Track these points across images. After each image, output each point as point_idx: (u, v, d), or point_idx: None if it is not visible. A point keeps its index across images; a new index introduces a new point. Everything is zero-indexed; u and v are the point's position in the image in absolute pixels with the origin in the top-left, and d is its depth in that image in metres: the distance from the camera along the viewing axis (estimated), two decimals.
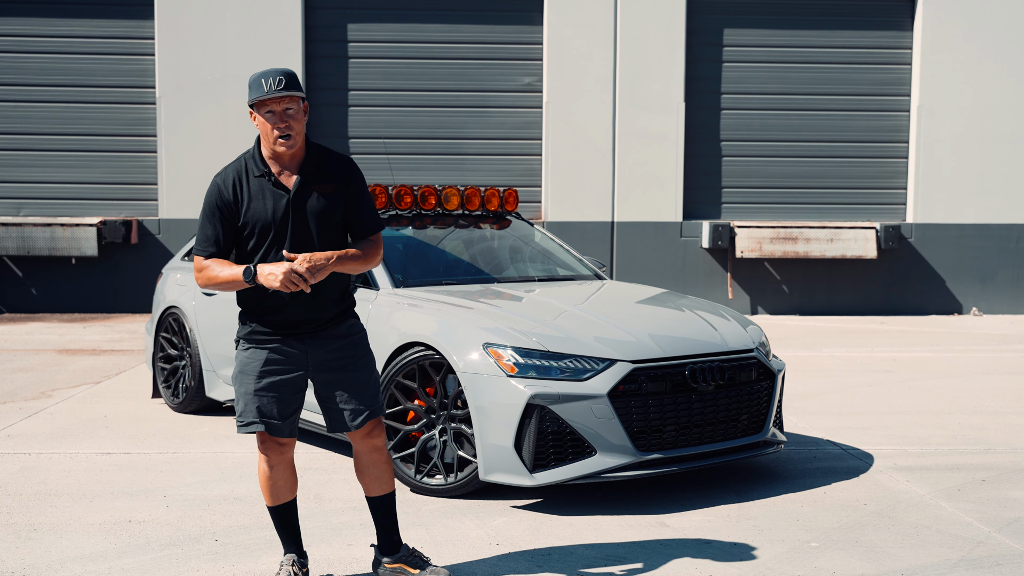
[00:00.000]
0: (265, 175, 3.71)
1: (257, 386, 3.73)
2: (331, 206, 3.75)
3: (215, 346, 6.91)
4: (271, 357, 3.75)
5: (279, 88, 3.61)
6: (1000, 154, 13.69)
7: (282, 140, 3.65)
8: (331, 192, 3.75)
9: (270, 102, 3.63)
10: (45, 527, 4.68)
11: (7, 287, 13.14)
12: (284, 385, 3.76)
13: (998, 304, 13.84)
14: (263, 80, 3.63)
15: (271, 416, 3.74)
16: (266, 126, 3.66)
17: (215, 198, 3.70)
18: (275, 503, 3.89)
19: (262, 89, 3.62)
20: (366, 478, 3.98)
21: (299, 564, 3.90)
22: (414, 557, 4.01)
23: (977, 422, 7.05)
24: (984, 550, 4.47)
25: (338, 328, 3.84)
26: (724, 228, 13.29)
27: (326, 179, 3.76)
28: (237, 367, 3.81)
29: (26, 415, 7.05)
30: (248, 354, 3.78)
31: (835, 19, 13.70)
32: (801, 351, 10.25)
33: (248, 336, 3.79)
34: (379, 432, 3.93)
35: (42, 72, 13.19)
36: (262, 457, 3.84)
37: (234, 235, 3.73)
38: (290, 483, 3.89)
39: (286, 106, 3.64)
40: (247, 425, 3.76)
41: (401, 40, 13.41)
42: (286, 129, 3.64)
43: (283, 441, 3.82)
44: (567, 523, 4.79)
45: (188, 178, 13.08)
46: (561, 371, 4.95)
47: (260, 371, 3.74)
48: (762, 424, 5.47)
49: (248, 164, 3.75)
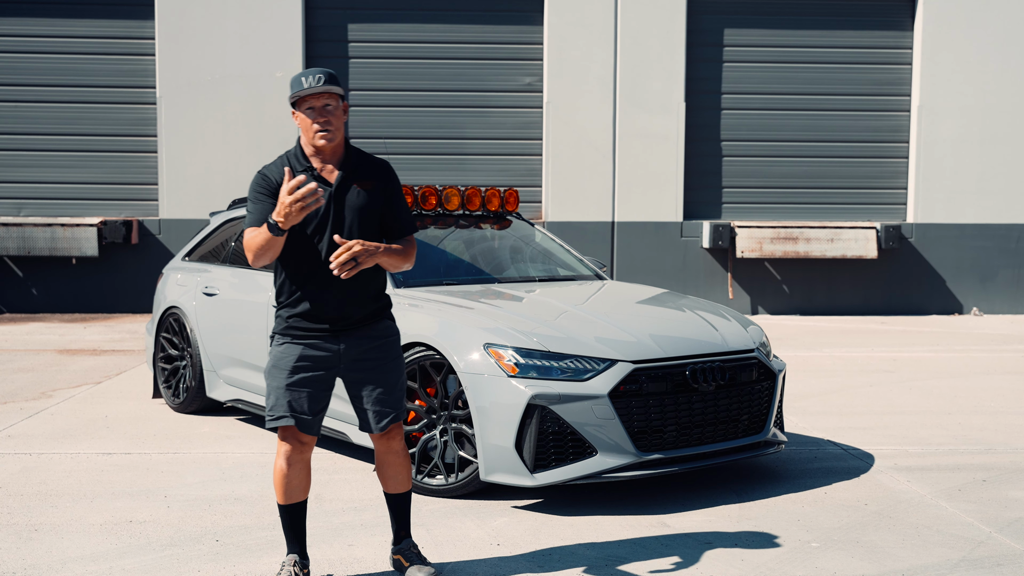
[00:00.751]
0: (308, 170, 3.83)
1: (289, 381, 3.80)
2: (371, 203, 3.87)
3: (216, 346, 6.91)
4: (305, 353, 3.82)
5: (319, 84, 3.73)
6: (1000, 154, 13.69)
7: (322, 134, 3.76)
8: (371, 189, 3.87)
9: (310, 98, 3.75)
10: (46, 527, 4.68)
11: (8, 287, 13.14)
12: (315, 382, 3.82)
13: (998, 304, 13.85)
14: (303, 78, 3.76)
15: (301, 411, 3.81)
16: (307, 121, 3.77)
17: (261, 184, 3.81)
18: (287, 502, 3.91)
19: (302, 85, 3.75)
20: (383, 475, 4.09)
21: (300, 565, 3.92)
22: (411, 552, 4.10)
23: (978, 422, 7.05)
24: (985, 550, 4.47)
25: (373, 328, 3.92)
26: (724, 228, 13.29)
27: (365, 176, 3.88)
28: (270, 362, 3.87)
29: (27, 415, 7.06)
30: (282, 349, 3.84)
31: (835, 19, 13.71)
32: (802, 351, 10.26)
33: (284, 331, 3.86)
34: (397, 435, 4.02)
35: (42, 72, 13.19)
36: (281, 454, 3.87)
37: None
38: (304, 483, 3.92)
39: (325, 102, 3.76)
40: (277, 419, 3.82)
41: (401, 40, 13.41)
42: (325, 124, 3.76)
43: (305, 439, 3.86)
44: (568, 523, 4.79)
45: (188, 178, 13.08)
46: (562, 371, 4.95)
47: (293, 366, 3.80)
48: (763, 424, 5.47)
49: (291, 160, 3.86)
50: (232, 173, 13.07)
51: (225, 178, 13.06)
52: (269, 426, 3.84)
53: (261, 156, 13.06)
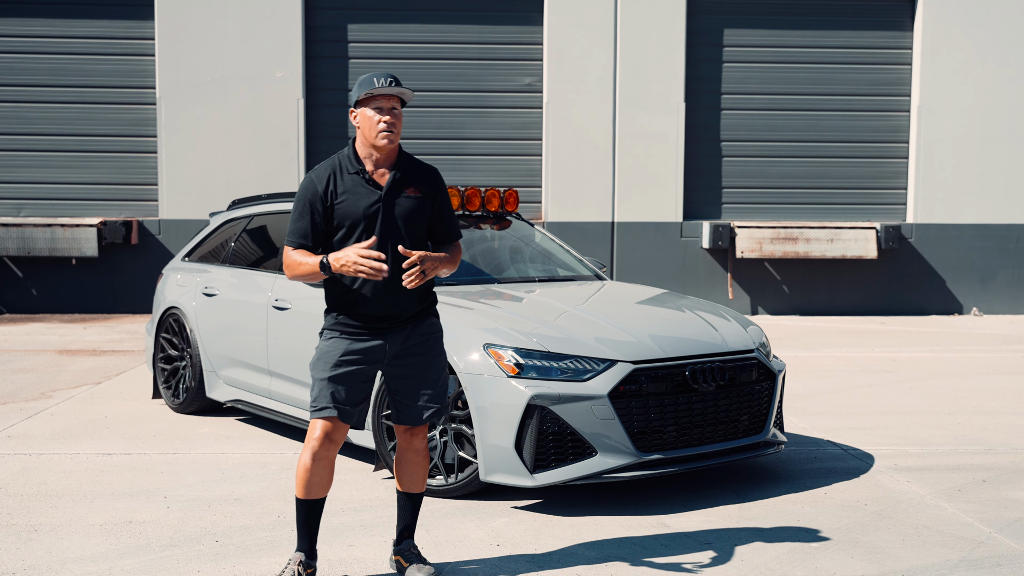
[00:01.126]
0: (359, 172, 3.89)
1: (332, 374, 3.86)
2: (419, 208, 3.94)
3: (215, 347, 6.91)
4: (351, 348, 3.89)
5: (390, 85, 3.83)
6: (1000, 154, 13.69)
7: (385, 133, 3.84)
8: (419, 195, 3.95)
9: (380, 97, 3.85)
10: (46, 528, 4.68)
11: (7, 288, 13.14)
12: (357, 374, 3.89)
13: (998, 304, 13.85)
14: (375, 78, 3.86)
15: (343, 402, 3.86)
16: (371, 120, 3.85)
17: (308, 192, 3.88)
18: (308, 497, 3.92)
19: (374, 84, 3.84)
20: (400, 472, 4.13)
21: (305, 565, 3.93)
22: (410, 553, 4.13)
23: (977, 422, 7.05)
24: (985, 551, 4.47)
25: (420, 326, 3.99)
26: (724, 228, 13.29)
27: (415, 182, 3.96)
28: (316, 355, 3.94)
29: (26, 416, 7.06)
30: (330, 343, 3.92)
31: (835, 19, 13.71)
32: (801, 351, 10.26)
33: (333, 327, 3.93)
34: (422, 432, 4.09)
35: (42, 72, 13.19)
36: (310, 448, 3.89)
37: (324, 229, 3.88)
38: (326, 481, 3.93)
39: (393, 104, 3.86)
40: (320, 410, 3.87)
41: (401, 40, 13.41)
42: (390, 124, 3.84)
43: (335, 438, 3.89)
44: (568, 524, 4.79)
45: (188, 179, 13.08)
46: (561, 372, 4.95)
47: (337, 360, 3.87)
48: (763, 424, 5.47)
49: (343, 162, 3.92)
50: (232, 173, 13.07)
51: (225, 178, 13.06)
52: (313, 417, 3.89)
53: (261, 156, 13.07)
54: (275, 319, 6.30)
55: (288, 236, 3.90)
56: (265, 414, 6.50)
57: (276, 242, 6.84)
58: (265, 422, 6.95)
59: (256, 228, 7.14)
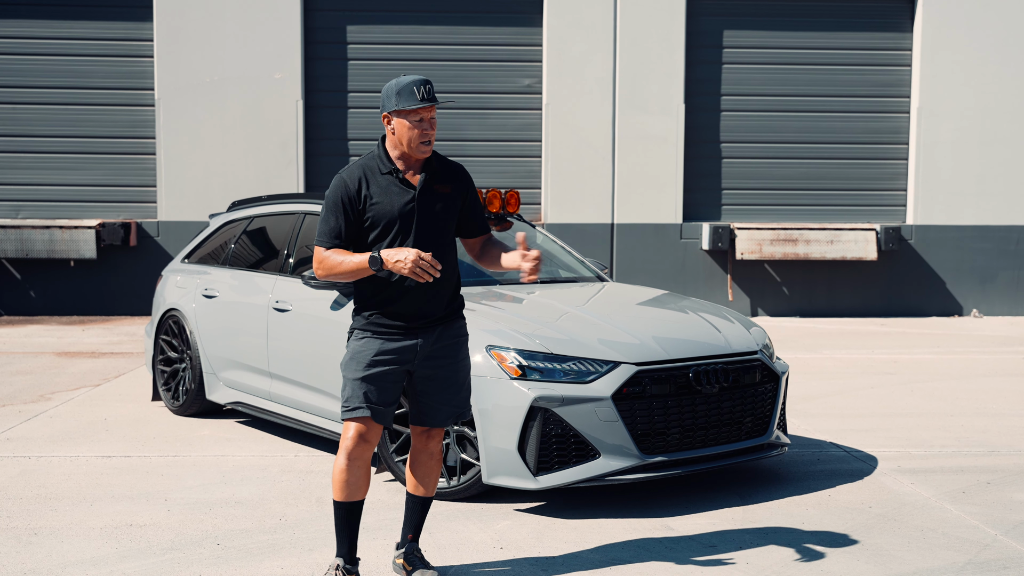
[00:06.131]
0: (392, 172, 3.89)
1: (365, 374, 3.85)
2: (450, 205, 3.96)
3: (215, 348, 6.88)
4: (384, 347, 3.87)
5: (430, 97, 3.83)
6: (1000, 156, 13.68)
7: (426, 146, 3.86)
8: (449, 192, 3.96)
9: (422, 110, 3.83)
10: (46, 531, 4.65)
11: (5, 289, 13.09)
12: (390, 375, 3.88)
13: (998, 306, 13.83)
14: (415, 88, 3.83)
15: (376, 403, 3.85)
16: (412, 131, 3.84)
17: (341, 192, 3.86)
18: (347, 499, 3.89)
19: (415, 97, 3.82)
20: (413, 475, 4.12)
21: (346, 571, 3.90)
22: (414, 556, 4.11)
23: (980, 424, 7.03)
24: (991, 553, 4.45)
25: (450, 327, 4.00)
26: (724, 230, 13.27)
27: (445, 180, 3.97)
28: (348, 355, 3.92)
29: (25, 418, 7.02)
30: (362, 343, 3.90)
31: (835, 20, 13.69)
32: (802, 353, 10.24)
33: (364, 327, 3.92)
34: (438, 436, 4.08)
35: (41, 74, 13.16)
36: (344, 450, 3.87)
37: (356, 229, 3.87)
38: (364, 481, 3.91)
39: (432, 114, 3.86)
40: (353, 410, 3.85)
41: (400, 42, 13.39)
42: (429, 136, 3.85)
43: (369, 438, 3.87)
44: (571, 526, 4.77)
45: (187, 180, 13.05)
46: (564, 373, 4.92)
47: (371, 360, 3.86)
48: (766, 426, 5.44)
49: (375, 162, 3.92)
50: (231, 175, 13.04)
51: (224, 180, 13.03)
52: (344, 417, 3.87)
53: (260, 158, 13.04)
54: (275, 321, 6.27)
55: (320, 236, 3.87)
56: (265, 416, 6.47)
57: (276, 244, 6.82)
58: (265, 424, 6.92)
59: (256, 230, 7.12)
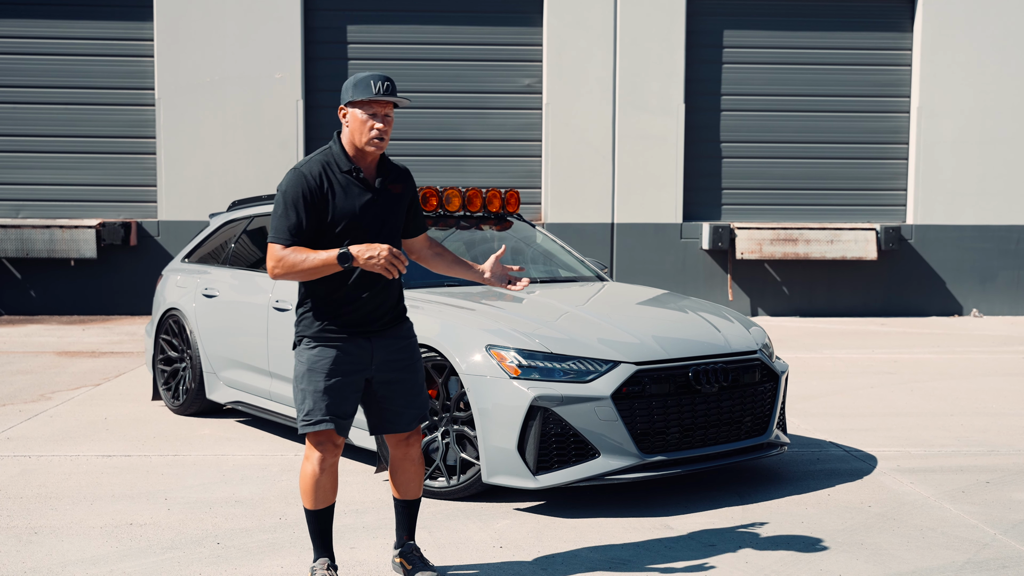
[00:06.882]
0: (352, 171, 3.83)
1: (327, 384, 3.76)
2: (401, 205, 3.96)
3: (215, 348, 6.88)
4: (340, 356, 3.79)
5: (387, 93, 3.76)
6: (1000, 155, 13.68)
7: (376, 141, 3.80)
8: (400, 193, 3.96)
9: (376, 104, 3.77)
10: (46, 530, 4.66)
11: (6, 289, 13.11)
12: (349, 384, 3.81)
13: (998, 305, 13.84)
14: (372, 82, 3.76)
15: (339, 414, 3.78)
16: (364, 124, 3.78)
17: (302, 186, 3.73)
18: (318, 507, 3.87)
19: (371, 90, 3.75)
20: (396, 481, 4.09)
21: (334, 568, 3.91)
22: (413, 555, 4.09)
23: (980, 424, 7.03)
24: (990, 552, 4.45)
25: (399, 329, 3.95)
26: (724, 229, 13.27)
27: (396, 180, 3.96)
28: (304, 365, 3.80)
29: (26, 417, 7.03)
30: (316, 352, 3.79)
31: (835, 20, 13.70)
32: (802, 352, 10.24)
33: (316, 335, 3.81)
34: (416, 441, 4.04)
35: (41, 73, 13.17)
36: (312, 459, 3.81)
37: (315, 225, 3.76)
38: (334, 487, 3.88)
39: (387, 111, 3.81)
40: (316, 423, 3.75)
41: (400, 41, 13.39)
42: (382, 132, 3.79)
43: (338, 442, 3.84)
44: (570, 526, 4.77)
45: (187, 180, 13.06)
46: (564, 373, 4.92)
47: (330, 369, 3.77)
48: (766, 426, 5.45)
49: (335, 159, 3.84)
50: (231, 175, 13.04)
51: (224, 180, 13.04)
52: (305, 431, 3.77)
53: (260, 158, 13.04)
54: (276, 320, 6.28)
55: (276, 233, 3.70)
56: (266, 416, 6.47)
57: None
58: (265, 424, 6.93)
59: (256, 229, 7.12)
